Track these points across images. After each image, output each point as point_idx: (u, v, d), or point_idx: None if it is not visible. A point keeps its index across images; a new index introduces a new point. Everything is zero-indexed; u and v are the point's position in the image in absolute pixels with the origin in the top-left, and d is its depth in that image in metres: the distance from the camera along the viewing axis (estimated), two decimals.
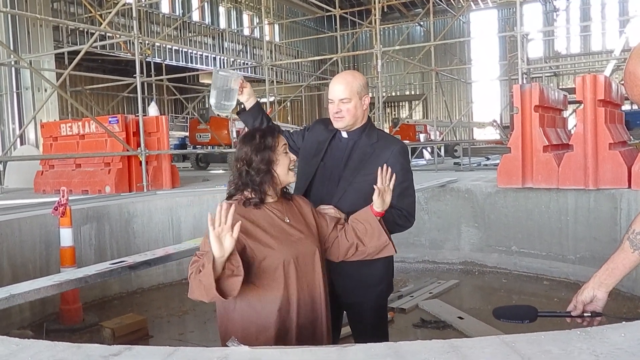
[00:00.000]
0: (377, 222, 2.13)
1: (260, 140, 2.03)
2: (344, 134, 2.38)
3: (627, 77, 1.52)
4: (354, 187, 2.28)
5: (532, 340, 1.31)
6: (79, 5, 17.29)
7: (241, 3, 25.85)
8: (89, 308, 5.32)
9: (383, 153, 2.29)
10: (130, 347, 1.37)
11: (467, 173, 9.46)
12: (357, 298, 2.36)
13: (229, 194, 2.08)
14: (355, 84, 2.29)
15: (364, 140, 2.34)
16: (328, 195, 2.31)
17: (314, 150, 2.42)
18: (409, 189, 2.36)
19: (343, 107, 2.28)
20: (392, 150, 2.31)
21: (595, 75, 6.13)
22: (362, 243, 2.16)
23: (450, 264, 6.75)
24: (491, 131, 24.43)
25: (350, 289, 2.34)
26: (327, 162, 2.36)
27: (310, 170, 2.37)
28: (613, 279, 1.68)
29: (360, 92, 2.30)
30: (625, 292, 5.08)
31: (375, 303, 2.41)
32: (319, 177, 2.36)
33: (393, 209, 2.22)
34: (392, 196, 2.16)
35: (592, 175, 5.83)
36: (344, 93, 2.27)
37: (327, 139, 2.40)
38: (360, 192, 2.24)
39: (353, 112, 2.29)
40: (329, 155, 2.37)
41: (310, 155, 2.41)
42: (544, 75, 20.58)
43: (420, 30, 28.19)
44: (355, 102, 2.28)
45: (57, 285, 2.49)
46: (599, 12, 26.76)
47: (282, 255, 1.96)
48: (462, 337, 1.94)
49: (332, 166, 2.35)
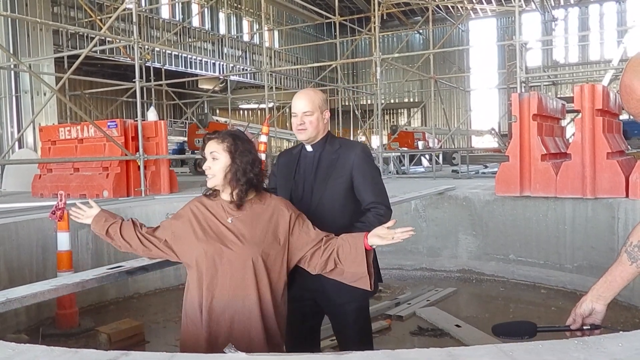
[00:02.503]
0: (364, 251, 2.13)
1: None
2: (309, 147, 2.53)
3: (622, 90, 1.54)
4: (328, 193, 2.43)
5: (529, 350, 1.30)
6: (79, 9, 17.31)
7: (241, 9, 25.92)
8: (85, 313, 5.30)
9: (348, 156, 2.46)
10: (127, 353, 1.37)
11: (465, 181, 9.47)
12: (340, 299, 2.42)
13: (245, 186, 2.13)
14: (316, 99, 2.48)
15: (327, 149, 2.50)
16: (306, 205, 2.41)
17: (286, 175, 2.56)
18: (380, 183, 2.53)
19: (306, 119, 2.45)
20: (356, 152, 2.48)
21: (594, 84, 6.15)
22: (340, 263, 2.14)
23: (447, 271, 6.74)
24: (489, 139, 24.47)
25: (332, 290, 2.38)
26: (298, 179, 2.51)
27: (287, 192, 2.49)
28: (611, 292, 1.67)
29: (322, 107, 2.49)
30: (623, 302, 5.08)
31: (359, 304, 2.47)
32: (295, 194, 2.48)
33: (358, 228, 2.30)
34: (368, 193, 2.41)
35: (589, 185, 5.84)
36: (307, 107, 2.45)
37: (295, 159, 2.55)
38: (335, 195, 2.43)
39: (315, 124, 2.46)
40: (299, 173, 2.52)
41: (284, 180, 2.55)
42: (543, 84, 20.64)
43: (420, 38, 28.31)
44: (317, 115, 2.46)
45: (54, 290, 2.48)
46: (597, 22, 26.92)
47: (198, 252, 2.05)
48: (460, 345, 1.94)
49: (303, 180, 2.49)
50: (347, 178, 2.43)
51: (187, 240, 2.10)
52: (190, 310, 2.10)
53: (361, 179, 2.43)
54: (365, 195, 2.44)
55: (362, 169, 2.44)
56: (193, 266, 2.07)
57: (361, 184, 2.43)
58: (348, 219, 2.41)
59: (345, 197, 2.43)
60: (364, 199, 2.44)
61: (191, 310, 2.09)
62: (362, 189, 2.43)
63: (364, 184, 2.43)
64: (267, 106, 12.78)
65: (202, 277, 2.04)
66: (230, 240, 2.05)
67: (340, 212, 2.42)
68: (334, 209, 2.41)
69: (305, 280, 2.34)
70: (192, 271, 2.09)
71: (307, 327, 2.54)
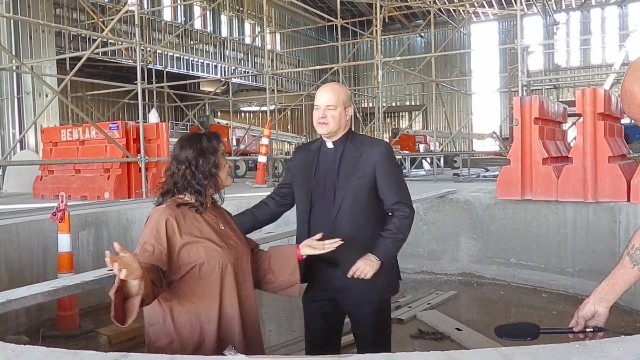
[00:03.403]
0: (296, 261, 2.20)
1: (208, 144, 2.04)
2: (329, 144, 2.47)
3: (623, 95, 1.54)
4: (350, 192, 2.38)
5: (530, 353, 1.30)
6: (81, 11, 17.33)
7: (243, 12, 25.96)
8: (86, 314, 5.29)
9: (371, 154, 2.41)
10: (127, 355, 1.36)
11: (466, 184, 9.46)
12: (363, 299, 2.41)
13: (163, 192, 2.06)
14: (342, 94, 2.43)
15: (349, 147, 2.44)
16: (328, 206, 2.38)
17: (305, 172, 2.49)
18: (403, 182, 2.50)
19: (328, 113, 2.40)
20: (380, 150, 2.43)
21: (595, 88, 6.15)
22: (272, 273, 2.21)
23: (448, 275, 6.73)
24: (491, 143, 24.50)
25: (356, 291, 2.38)
26: (319, 177, 2.45)
27: (307, 191, 2.45)
28: (613, 295, 1.67)
29: (346, 102, 2.44)
30: (624, 306, 5.06)
31: (380, 304, 2.47)
32: (316, 193, 2.43)
33: (386, 238, 2.36)
34: (392, 192, 2.37)
35: (591, 188, 5.83)
36: (331, 100, 2.40)
37: (314, 156, 2.49)
38: (357, 195, 2.38)
39: (337, 119, 2.41)
40: (319, 170, 2.46)
41: (303, 178, 2.50)
42: (544, 88, 20.64)
43: (421, 42, 28.32)
44: (340, 110, 2.41)
45: (54, 291, 2.47)
46: (599, 26, 26.92)
47: (224, 258, 1.99)
48: (460, 348, 1.93)
49: (325, 178, 2.44)
50: (370, 177, 2.39)
51: (205, 256, 2.04)
52: (198, 328, 2.00)
53: (385, 178, 2.39)
54: (388, 194, 2.40)
55: (385, 168, 2.40)
56: (209, 278, 2.01)
57: (385, 183, 2.40)
58: (372, 219, 2.41)
59: (368, 196, 2.39)
60: (387, 198, 2.41)
61: (198, 327, 2.00)
62: (385, 188, 2.40)
63: (388, 183, 2.40)
64: (268, 109, 12.79)
65: (219, 286, 2.01)
66: (234, 242, 2.12)
67: (364, 212, 2.40)
68: (357, 209, 2.38)
69: (326, 280, 2.39)
70: (201, 287, 2.01)
71: (327, 327, 2.51)
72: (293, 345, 4.32)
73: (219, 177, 2.07)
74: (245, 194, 7.67)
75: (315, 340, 2.51)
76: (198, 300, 1.96)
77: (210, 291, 1.97)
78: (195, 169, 2.01)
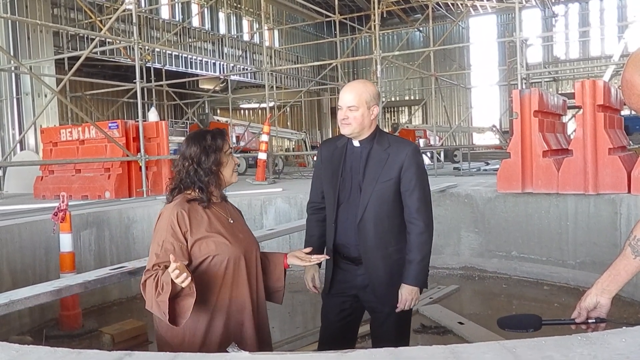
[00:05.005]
0: (283, 269, 2.27)
1: (212, 142, 2.08)
2: (356, 142, 2.43)
3: (624, 85, 1.54)
4: (376, 194, 2.34)
5: (533, 346, 1.30)
6: (79, 11, 17.31)
7: (241, 9, 25.90)
8: (89, 314, 5.30)
9: (398, 156, 2.35)
10: (130, 353, 1.36)
11: (467, 178, 9.45)
12: (387, 299, 2.40)
13: (171, 189, 2.11)
14: (365, 94, 2.35)
15: (376, 147, 2.39)
16: (354, 205, 2.37)
17: (332, 168, 2.47)
18: (426, 189, 2.45)
19: (350, 114, 2.34)
20: (407, 153, 2.37)
21: (595, 80, 6.13)
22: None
23: (450, 269, 6.74)
24: (491, 136, 24.46)
25: (381, 290, 2.39)
26: (345, 176, 2.41)
27: (334, 190, 2.43)
28: (616, 285, 1.68)
29: (369, 102, 2.36)
30: (626, 298, 5.07)
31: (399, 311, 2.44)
32: (342, 192, 2.41)
33: (410, 262, 2.38)
34: (413, 201, 2.34)
35: (591, 180, 5.83)
36: (352, 101, 2.34)
37: (341, 153, 2.45)
38: (382, 197, 2.34)
39: (360, 120, 2.34)
40: (346, 168, 2.42)
41: (330, 174, 2.47)
42: (543, 81, 20.62)
43: (420, 36, 28.25)
44: (362, 111, 2.34)
45: (57, 291, 2.48)
46: (598, 18, 26.85)
47: (234, 252, 2.04)
48: (463, 342, 1.94)
49: (351, 178, 2.41)
50: (396, 180, 2.34)
51: (215, 250, 2.10)
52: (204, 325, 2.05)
53: (408, 183, 2.35)
54: (409, 202, 2.36)
55: (410, 172, 2.34)
56: (217, 272, 2.07)
57: (408, 189, 2.35)
58: (397, 220, 2.39)
59: (393, 200, 2.35)
60: (407, 205, 2.36)
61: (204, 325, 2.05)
62: (407, 195, 2.36)
63: (411, 189, 2.35)
64: (267, 105, 12.77)
65: (231, 279, 2.07)
66: (243, 236, 2.18)
67: (388, 216, 2.36)
68: (383, 214, 2.34)
69: (350, 276, 2.40)
70: (210, 280, 2.07)
71: (345, 324, 2.51)
72: (295, 342, 4.33)
73: (222, 174, 2.10)
74: (246, 191, 7.68)
75: (331, 335, 2.50)
76: (208, 292, 2.00)
77: (221, 283, 2.02)
78: (198, 166, 2.05)
